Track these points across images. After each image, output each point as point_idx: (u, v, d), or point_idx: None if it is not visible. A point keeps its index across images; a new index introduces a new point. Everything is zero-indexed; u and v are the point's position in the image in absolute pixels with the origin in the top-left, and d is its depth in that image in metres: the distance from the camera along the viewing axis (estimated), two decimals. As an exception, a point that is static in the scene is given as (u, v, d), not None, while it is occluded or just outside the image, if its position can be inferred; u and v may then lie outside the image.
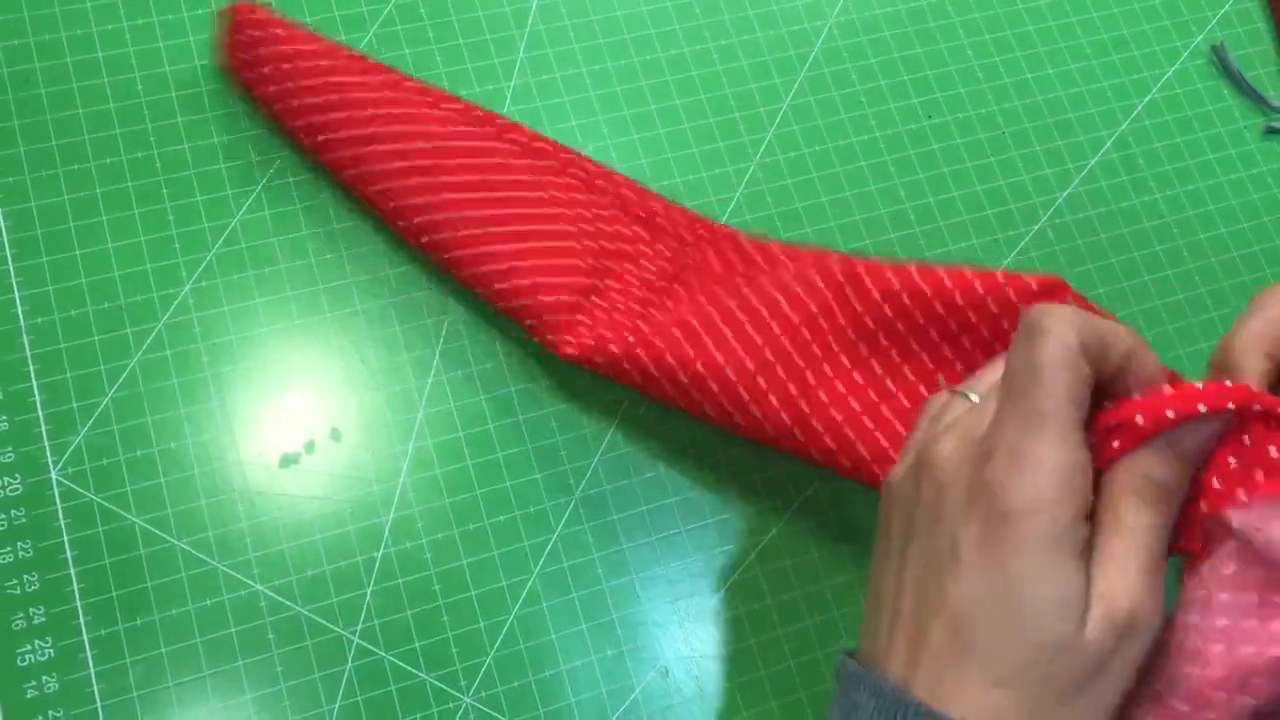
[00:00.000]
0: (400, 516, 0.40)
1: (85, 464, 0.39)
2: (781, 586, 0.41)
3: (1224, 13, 0.53)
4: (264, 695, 0.38)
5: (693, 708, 0.39)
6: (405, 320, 0.42)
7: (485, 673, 0.39)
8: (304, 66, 0.42)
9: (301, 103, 0.42)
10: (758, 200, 0.46)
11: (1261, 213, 0.49)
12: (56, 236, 0.41)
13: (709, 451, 0.42)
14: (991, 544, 0.28)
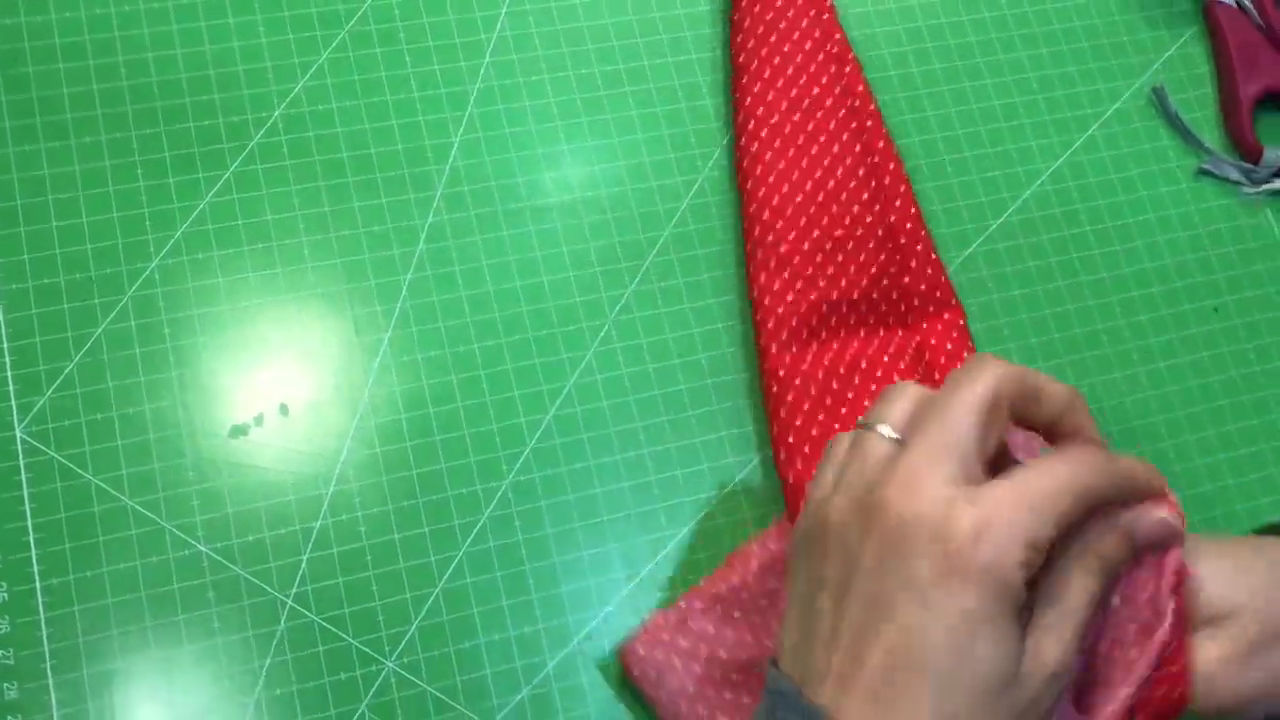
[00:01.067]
0: (339, 490, 0.43)
1: (48, 423, 0.42)
2: (695, 576, 0.44)
3: (1168, 56, 0.55)
4: (201, 648, 0.40)
5: (599, 689, 0.42)
6: (358, 306, 0.45)
7: (408, 641, 0.42)
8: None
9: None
10: (702, 211, 0.49)
11: (1186, 250, 0.52)
12: (35, 209, 0.44)
13: (635, 446, 0.45)
14: (949, 585, 0.30)
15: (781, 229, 0.47)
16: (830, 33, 0.50)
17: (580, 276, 0.47)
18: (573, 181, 0.48)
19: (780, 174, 0.48)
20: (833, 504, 0.33)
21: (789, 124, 0.48)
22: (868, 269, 0.47)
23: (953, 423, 0.32)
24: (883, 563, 0.31)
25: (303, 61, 0.48)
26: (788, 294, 0.46)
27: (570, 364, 0.46)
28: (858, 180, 0.48)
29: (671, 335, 0.47)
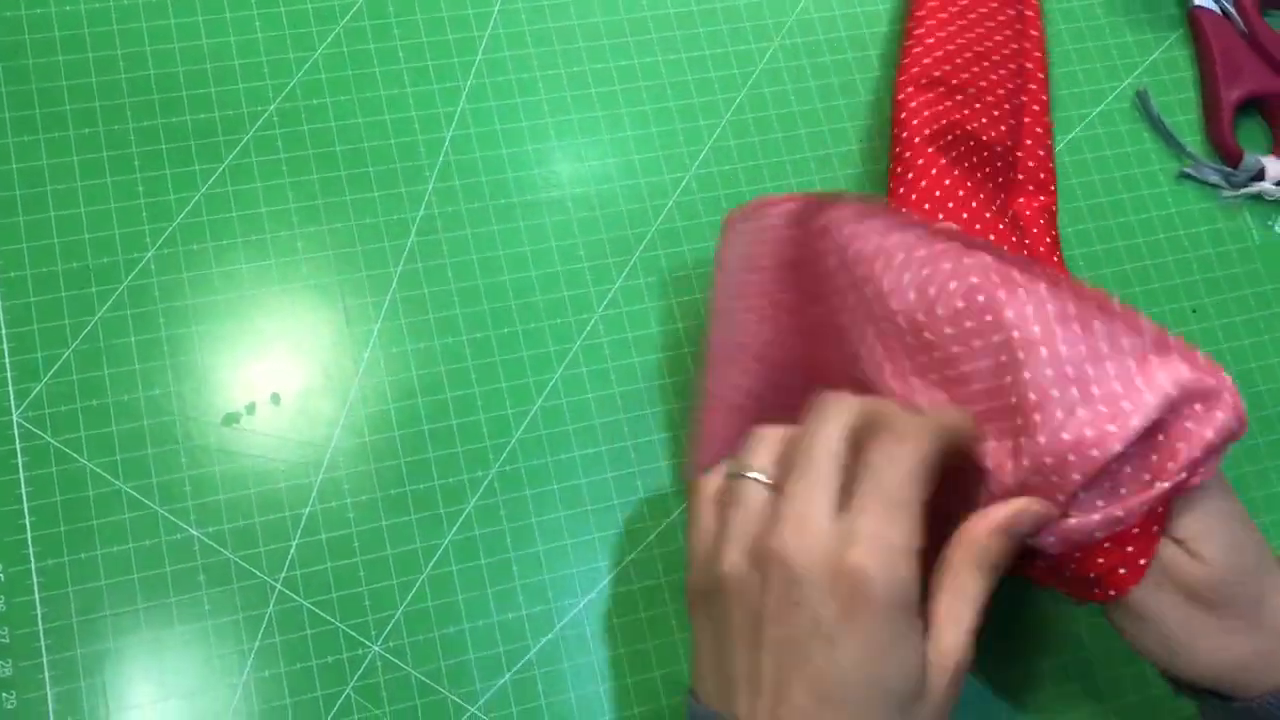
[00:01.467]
0: (328, 478, 0.44)
1: (45, 409, 0.43)
2: (675, 566, 0.45)
3: (1153, 60, 0.56)
4: (191, 630, 0.42)
5: (583, 672, 0.43)
6: (349, 297, 0.46)
7: (394, 625, 0.43)
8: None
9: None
10: (690, 209, 0.50)
11: (1166, 252, 0.52)
12: (33, 198, 0.45)
13: (619, 437, 0.46)
14: (854, 620, 0.32)
15: (939, 55, 0.50)
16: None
17: (568, 271, 0.48)
18: (562, 177, 0.49)
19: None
20: (725, 557, 0.35)
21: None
22: (997, 120, 0.50)
23: (819, 463, 0.34)
24: (787, 610, 0.33)
25: (298, 56, 0.49)
26: (931, 106, 0.49)
27: (557, 357, 0.47)
28: (1009, 44, 0.52)
29: (657, 329, 0.48)
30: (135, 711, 0.40)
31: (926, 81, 0.50)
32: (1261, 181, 0.53)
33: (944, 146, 0.48)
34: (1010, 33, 0.52)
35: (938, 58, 0.50)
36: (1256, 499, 0.49)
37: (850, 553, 0.32)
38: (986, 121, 0.50)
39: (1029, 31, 0.53)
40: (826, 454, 0.35)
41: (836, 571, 0.32)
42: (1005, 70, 0.51)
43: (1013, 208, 0.50)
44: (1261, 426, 0.50)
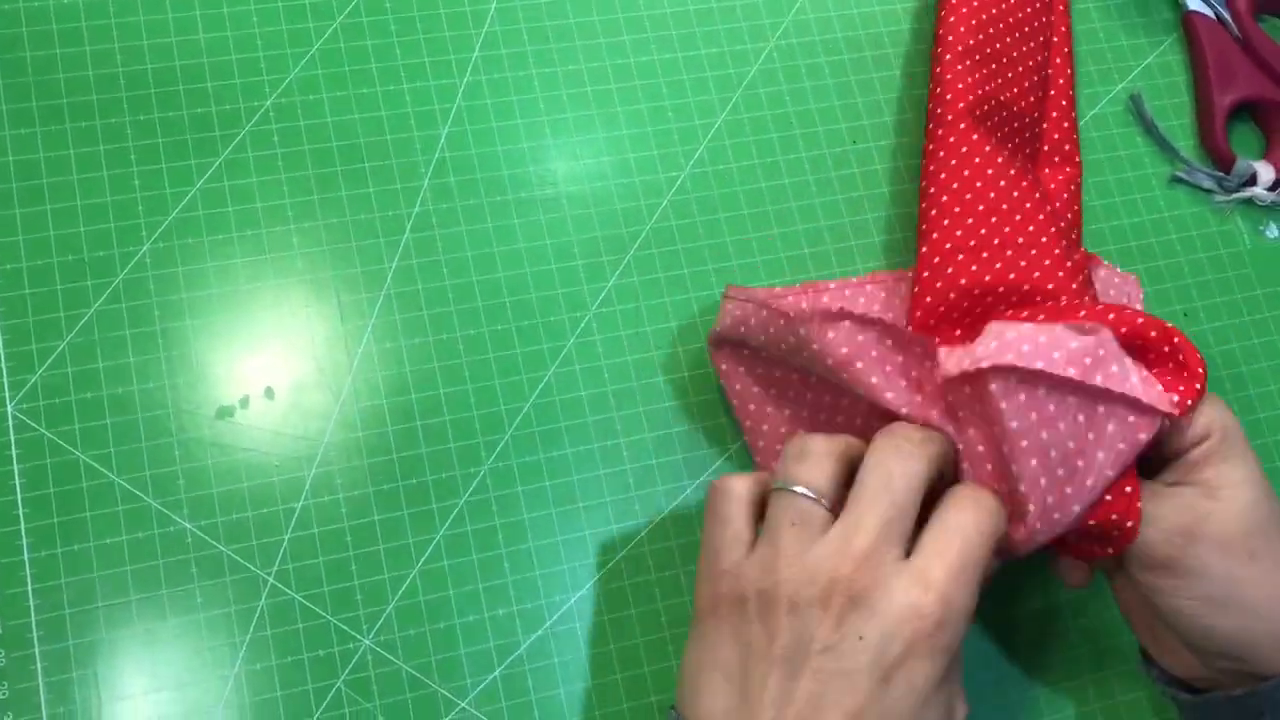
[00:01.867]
0: (321, 472, 0.44)
1: (39, 401, 0.43)
2: (666, 563, 0.45)
3: (1147, 64, 0.56)
4: (183, 622, 0.42)
5: (573, 668, 0.44)
6: (344, 292, 0.46)
7: (385, 619, 0.43)
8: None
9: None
10: (684, 208, 0.50)
11: (1158, 256, 0.53)
12: (29, 191, 0.45)
13: (612, 435, 0.46)
14: (913, 664, 0.33)
15: (975, 24, 0.50)
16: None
17: (563, 269, 0.48)
18: (557, 175, 0.49)
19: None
20: (780, 573, 0.34)
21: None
22: (1027, 91, 0.51)
23: (900, 501, 0.35)
24: (848, 643, 0.33)
25: (295, 52, 0.49)
26: (967, 77, 0.49)
27: (551, 354, 0.47)
28: (1040, 16, 0.52)
29: (651, 328, 0.48)
30: (127, 702, 0.40)
31: (964, 49, 0.50)
32: (1253, 187, 0.53)
33: (980, 117, 0.48)
34: (1040, 4, 0.53)
35: (973, 26, 0.50)
36: (1245, 502, 0.49)
37: (926, 599, 0.33)
38: (1018, 91, 0.50)
39: (1056, 5, 0.54)
40: (908, 491, 0.35)
41: (906, 615, 0.33)
42: (1036, 42, 0.52)
43: (1040, 179, 0.50)
44: (1252, 430, 0.51)
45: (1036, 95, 0.51)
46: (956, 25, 0.51)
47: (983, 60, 0.50)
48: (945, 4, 0.52)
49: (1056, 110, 0.52)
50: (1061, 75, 0.53)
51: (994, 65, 0.50)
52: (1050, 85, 0.52)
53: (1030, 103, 0.51)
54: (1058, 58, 0.53)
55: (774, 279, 0.49)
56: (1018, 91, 0.50)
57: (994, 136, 0.48)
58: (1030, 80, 0.51)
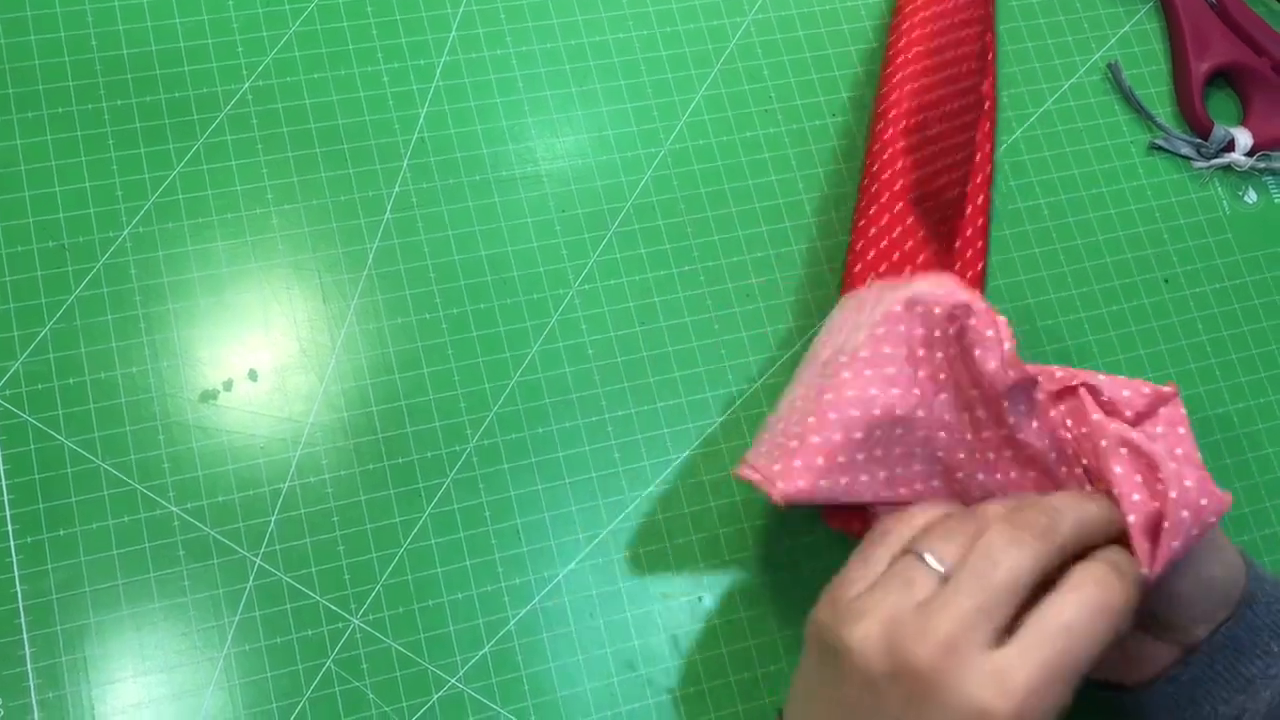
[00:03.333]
0: (306, 453, 0.44)
1: (22, 387, 0.43)
2: (652, 538, 0.45)
3: (1123, 32, 0.56)
4: (171, 605, 0.42)
5: (561, 643, 0.44)
6: (325, 274, 0.46)
7: (374, 598, 0.43)
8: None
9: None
10: (665, 183, 0.50)
11: (1138, 223, 0.53)
12: (7, 178, 0.45)
13: (596, 411, 0.46)
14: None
15: (917, 105, 0.50)
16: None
17: (544, 246, 0.48)
18: (538, 153, 0.49)
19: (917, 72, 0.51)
20: (859, 632, 0.33)
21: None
22: (959, 165, 0.51)
23: (997, 589, 0.32)
24: (911, 718, 0.31)
25: (271, 35, 0.49)
26: (908, 159, 0.49)
27: (534, 331, 0.47)
28: (974, 75, 0.52)
29: (634, 304, 0.48)
30: (116, 686, 0.40)
31: (905, 129, 0.49)
32: (1231, 153, 0.54)
33: (915, 201, 0.48)
34: (975, 63, 0.52)
35: (915, 106, 0.50)
36: (1228, 466, 0.50)
37: (999, 704, 0.30)
38: (952, 176, 0.50)
39: (989, 54, 0.53)
40: (1009, 582, 0.32)
41: (975, 717, 0.31)
42: (971, 112, 0.51)
43: (957, 243, 0.50)
44: (1233, 393, 0.51)
45: (967, 168, 0.51)
46: (901, 102, 0.50)
47: (923, 141, 0.49)
48: (889, 80, 0.51)
49: (980, 175, 0.52)
50: (987, 131, 0.53)
51: (932, 148, 0.50)
52: (978, 147, 0.52)
53: (959, 177, 0.50)
54: (986, 106, 0.53)
55: (755, 252, 0.49)
56: (952, 177, 0.50)
57: (923, 223, 0.48)
58: (964, 153, 0.51)
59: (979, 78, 0.52)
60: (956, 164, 0.50)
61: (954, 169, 0.50)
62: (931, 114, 0.50)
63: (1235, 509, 0.49)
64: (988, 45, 0.53)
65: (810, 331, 0.49)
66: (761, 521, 0.46)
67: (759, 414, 0.47)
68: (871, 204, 0.48)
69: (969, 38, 0.52)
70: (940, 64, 0.51)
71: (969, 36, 0.52)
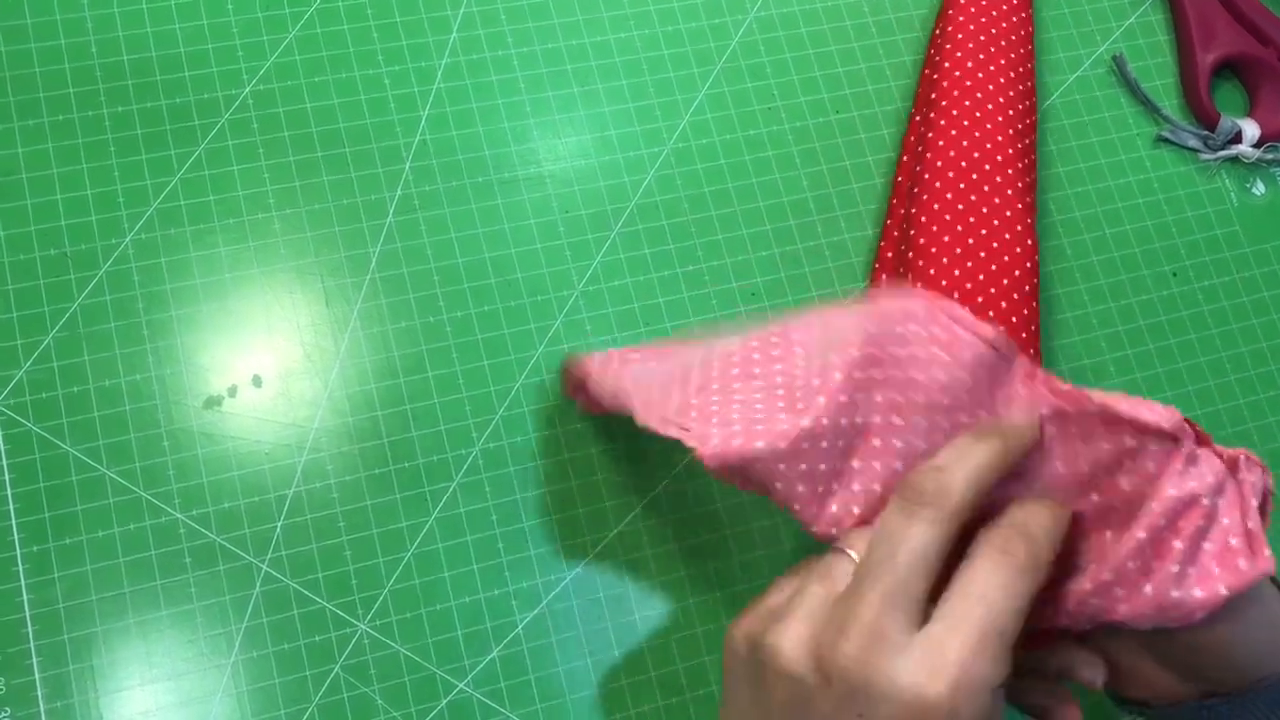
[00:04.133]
0: (312, 459, 0.44)
1: (26, 396, 0.43)
2: (660, 538, 0.45)
3: (1128, 24, 0.56)
4: (178, 612, 0.42)
5: (570, 646, 0.43)
6: (328, 278, 0.46)
7: (381, 603, 0.43)
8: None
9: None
10: (668, 183, 0.50)
11: (1145, 216, 0.53)
12: (9, 186, 0.45)
13: (602, 413, 0.46)
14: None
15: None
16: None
17: (548, 248, 0.48)
18: (539, 154, 0.49)
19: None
20: (784, 637, 0.32)
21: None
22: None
23: (901, 570, 0.32)
24: (845, 716, 0.30)
25: (271, 39, 0.49)
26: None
27: (539, 333, 0.47)
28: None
29: (638, 304, 0.48)
30: (124, 694, 0.40)
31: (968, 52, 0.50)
32: (1239, 144, 0.53)
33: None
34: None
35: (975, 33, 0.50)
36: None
37: (932, 686, 0.30)
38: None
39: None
40: (912, 562, 0.32)
41: (913, 703, 0.30)
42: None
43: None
44: (1243, 387, 0.51)
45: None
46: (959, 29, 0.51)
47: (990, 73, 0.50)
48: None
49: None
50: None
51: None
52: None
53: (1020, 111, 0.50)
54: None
55: (761, 251, 0.49)
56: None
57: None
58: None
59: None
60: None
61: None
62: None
63: (1247, 503, 0.49)
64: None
65: (816, 330, 0.48)
66: (768, 521, 0.46)
67: (765, 413, 0.47)
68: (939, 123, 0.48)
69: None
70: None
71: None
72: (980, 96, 0.49)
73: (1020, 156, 0.49)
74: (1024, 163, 0.49)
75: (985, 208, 0.47)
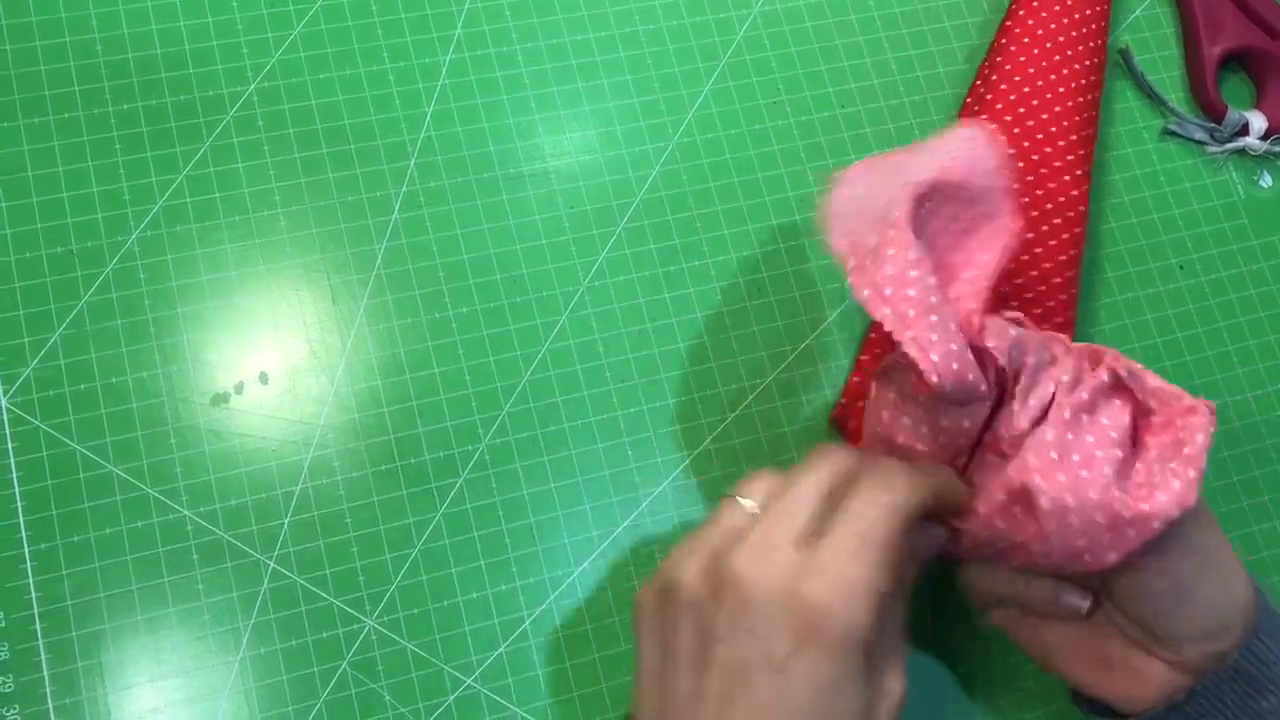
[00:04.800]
0: (318, 455, 0.44)
1: (33, 394, 0.43)
2: (666, 536, 0.45)
3: (1134, 17, 0.55)
4: (186, 609, 0.42)
5: (578, 641, 0.43)
6: (334, 275, 0.46)
7: (388, 599, 0.43)
8: None
9: None
10: (673, 178, 0.50)
11: (1151, 210, 0.52)
12: (15, 184, 0.45)
13: (608, 408, 0.46)
14: (806, 655, 0.31)
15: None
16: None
17: (553, 244, 0.48)
18: (545, 150, 0.49)
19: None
20: (683, 569, 0.34)
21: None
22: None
23: (796, 492, 0.35)
24: (738, 633, 0.32)
25: (276, 36, 0.48)
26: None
27: (544, 329, 0.47)
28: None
29: (644, 299, 0.48)
30: (132, 691, 0.40)
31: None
32: (1246, 137, 0.53)
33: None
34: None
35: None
36: (1247, 453, 0.49)
37: (809, 584, 0.32)
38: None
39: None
40: (807, 487, 0.35)
41: (793, 603, 0.32)
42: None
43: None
44: (1251, 380, 0.50)
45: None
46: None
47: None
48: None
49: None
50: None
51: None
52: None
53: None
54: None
55: (766, 245, 0.49)
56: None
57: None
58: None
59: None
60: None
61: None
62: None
63: (1252, 496, 0.49)
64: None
65: (823, 325, 0.48)
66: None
67: (772, 408, 0.47)
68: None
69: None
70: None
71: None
72: (1047, 97, 0.50)
73: (1081, 164, 0.50)
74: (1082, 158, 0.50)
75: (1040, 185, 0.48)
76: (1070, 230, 0.48)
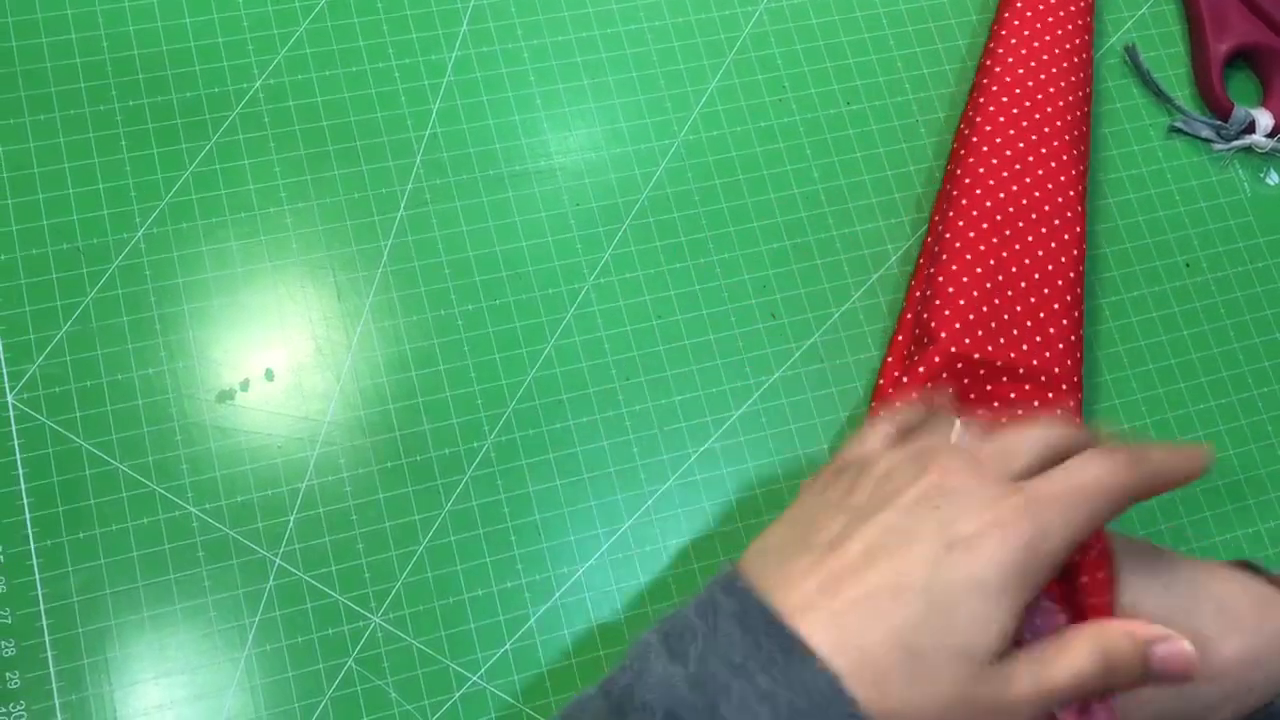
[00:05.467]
0: (324, 452, 0.44)
1: (39, 390, 0.43)
2: (672, 531, 0.45)
3: (1140, 15, 0.55)
4: (192, 606, 0.42)
5: (583, 638, 0.43)
6: (340, 272, 0.46)
7: (394, 596, 0.43)
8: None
9: None
10: (679, 175, 0.49)
11: (1158, 207, 0.52)
12: (21, 181, 0.45)
13: (613, 405, 0.46)
14: (974, 552, 0.30)
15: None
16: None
17: (559, 241, 0.48)
18: (550, 147, 0.49)
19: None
20: (887, 455, 0.35)
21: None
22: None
23: (1023, 435, 0.34)
24: (923, 502, 0.32)
25: (282, 32, 0.48)
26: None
27: (550, 326, 0.47)
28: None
29: (649, 297, 0.48)
30: (138, 687, 0.40)
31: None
32: (1252, 134, 0.53)
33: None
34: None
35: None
36: (1253, 451, 0.49)
37: (1013, 498, 0.31)
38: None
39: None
40: (1034, 434, 0.34)
41: (989, 502, 0.31)
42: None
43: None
44: (1257, 377, 0.50)
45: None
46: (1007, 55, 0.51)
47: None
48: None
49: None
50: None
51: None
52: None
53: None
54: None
55: (772, 243, 0.49)
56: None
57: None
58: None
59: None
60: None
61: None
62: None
63: (1260, 493, 0.49)
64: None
65: (827, 323, 0.48)
66: (780, 513, 0.46)
67: (777, 406, 0.47)
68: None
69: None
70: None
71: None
72: (1038, 98, 0.50)
73: (1075, 163, 0.49)
74: (1077, 170, 0.49)
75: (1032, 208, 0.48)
76: (1070, 230, 0.48)
